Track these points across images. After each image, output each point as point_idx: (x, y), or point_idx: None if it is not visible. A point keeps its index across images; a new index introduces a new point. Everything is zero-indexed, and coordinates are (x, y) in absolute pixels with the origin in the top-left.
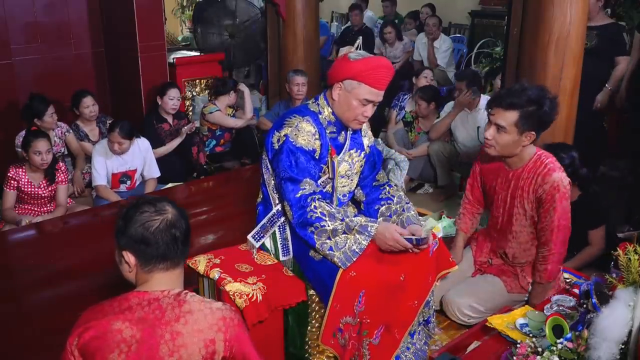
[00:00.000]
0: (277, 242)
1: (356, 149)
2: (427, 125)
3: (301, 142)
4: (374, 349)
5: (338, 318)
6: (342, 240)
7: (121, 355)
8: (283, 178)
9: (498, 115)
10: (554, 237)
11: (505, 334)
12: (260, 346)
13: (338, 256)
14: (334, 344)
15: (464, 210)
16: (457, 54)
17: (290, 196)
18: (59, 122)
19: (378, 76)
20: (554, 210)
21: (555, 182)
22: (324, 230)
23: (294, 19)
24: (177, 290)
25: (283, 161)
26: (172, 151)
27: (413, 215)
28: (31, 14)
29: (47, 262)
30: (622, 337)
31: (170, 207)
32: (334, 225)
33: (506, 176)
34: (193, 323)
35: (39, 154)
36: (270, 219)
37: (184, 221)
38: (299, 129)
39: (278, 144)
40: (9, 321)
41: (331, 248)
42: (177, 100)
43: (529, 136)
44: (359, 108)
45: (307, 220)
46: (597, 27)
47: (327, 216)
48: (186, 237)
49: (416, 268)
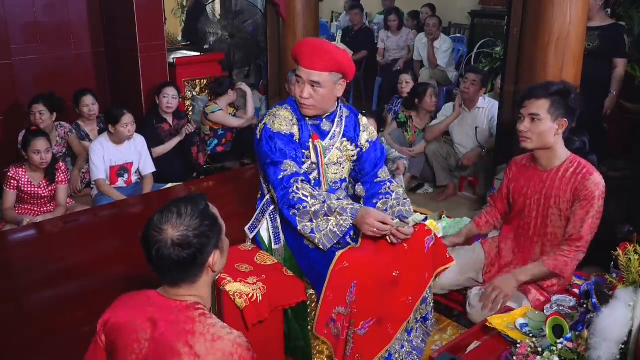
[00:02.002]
0: (270, 231)
1: (347, 138)
2: (421, 123)
3: (278, 127)
4: (358, 339)
5: (331, 308)
6: (323, 222)
7: (135, 352)
8: (266, 163)
9: (530, 105)
10: (586, 235)
11: (505, 334)
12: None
13: (319, 238)
14: (327, 333)
15: (485, 211)
16: (457, 54)
17: (273, 178)
18: (61, 122)
19: (303, 50)
20: (592, 208)
21: (597, 181)
22: (306, 212)
23: (294, 19)
24: (189, 302)
25: (264, 147)
26: (172, 151)
27: (406, 210)
28: (31, 14)
29: (47, 262)
30: (622, 337)
31: (172, 225)
32: (316, 207)
33: (540, 178)
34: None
35: (38, 153)
36: (262, 209)
37: (179, 249)
38: (276, 116)
39: (259, 134)
40: (9, 321)
41: (312, 230)
42: (173, 98)
43: (562, 123)
44: (297, 88)
45: (290, 202)
46: (598, 28)
47: (309, 197)
48: (180, 264)
49: (411, 264)
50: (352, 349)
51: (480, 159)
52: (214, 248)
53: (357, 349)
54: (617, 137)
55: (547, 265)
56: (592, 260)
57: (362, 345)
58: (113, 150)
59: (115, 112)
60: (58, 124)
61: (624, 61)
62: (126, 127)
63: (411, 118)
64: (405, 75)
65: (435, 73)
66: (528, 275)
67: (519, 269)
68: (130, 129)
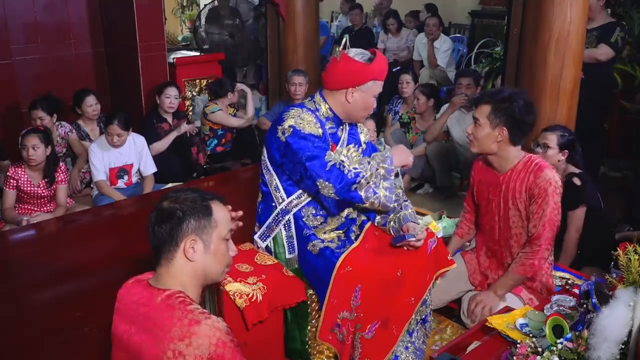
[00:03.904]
0: (283, 240)
1: (354, 144)
2: (424, 125)
3: (308, 129)
4: (366, 343)
5: (335, 313)
6: (378, 179)
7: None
8: (306, 160)
9: (476, 110)
10: (545, 232)
11: (505, 334)
12: (260, 346)
13: (383, 195)
14: (332, 339)
15: (462, 217)
16: (457, 54)
17: (321, 171)
18: (62, 122)
19: (385, 70)
20: (547, 205)
21: (548, 177)
22: (365, 180)
23: (294, 19)
24: (171, 290)
25: (300, 147)
26: (172, 151)
27: (410, 214)
28: (31, 14)
29: (47, 262)
30: (622, 337)
31: (171, 199)
32: (369, 171)
33: (497, 181)
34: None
35: (26, 148)
36: (275, 218)
37: (161, 215)
38: (302, 118)
39: (285, 136)
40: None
41: (374, 192)
42: (175, 98)
43: (501, 132)
44: (373, 102)
45: (349, 181)
46: (596, 28)
47: (359, 165)
48: (160, 218)
49: (413, 265)
50: (360, 354)
51: None
52: (194, 233)
53: (365, 353)
54: (617, 137)
55: (516, 272)
56: (592, 260)
57: (370, 349)
58: (112, 151)
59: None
60: (59, 123)
61: (607, 49)
62: (113, 137)
63: (414, 119)
64: (405, 76)
65: (435, 73)
66: (505, 287)
67: (496, 283)
68: (94, 108)
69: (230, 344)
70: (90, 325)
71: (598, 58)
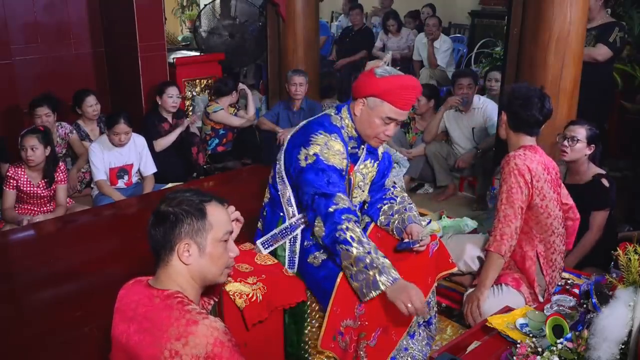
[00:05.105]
0: (285, 252)
1: (371, 159)
2: (424, 125)
3: (333, 161)
4: (370, 351)
5: (338, 321)
6: (361, 274)
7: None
8: (316, 194)
9: None
10: (502, 207)
11: (505, 334)
12: (260, 346)
13: (355, 286)
14: (334, 347)
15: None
16: (457, 54)
17: (324, 211)
18: (62, 123)
19: (403, 96)
20: (505, 183)
21: (507, 159)
22: (348, 256)
23: (294, 19)
24: (170, 291)
25: (314, 180)
26: (172, 151)
27: (414, 215)
28: (31, 14)
29: (47, 262)
30: (622, 337)
31: (168, 201)
32: (359, 254)
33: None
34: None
35: (25, 149)
36: (282, 231)
37: (157, 218)
38: (329, 147)
39: (306, 162)
40: (9, 321)
41: (352, 276)
42: (177, 98)
43: (503, 116)
44: (380, 126)
45: (336, 238)
46: (595, 28)
47: (356, 242)
48: (155, 221)
49: (415, 269)
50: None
51: (476, 159)
52: (188, 237)
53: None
54: (617, 137)
55: (488, 250)
56: (592, 260)
57: (373, 356)
58: (112, 151)
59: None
60: (59, 124)
61: (605, 49)
62: (119, 136)
63: (414, 120)
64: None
65: (435, 73)
66: (486, 277)
67: (478, 277)
68: (95, 108)
69: (228, 343)
70: (90, 325)
71: (596, 58)
